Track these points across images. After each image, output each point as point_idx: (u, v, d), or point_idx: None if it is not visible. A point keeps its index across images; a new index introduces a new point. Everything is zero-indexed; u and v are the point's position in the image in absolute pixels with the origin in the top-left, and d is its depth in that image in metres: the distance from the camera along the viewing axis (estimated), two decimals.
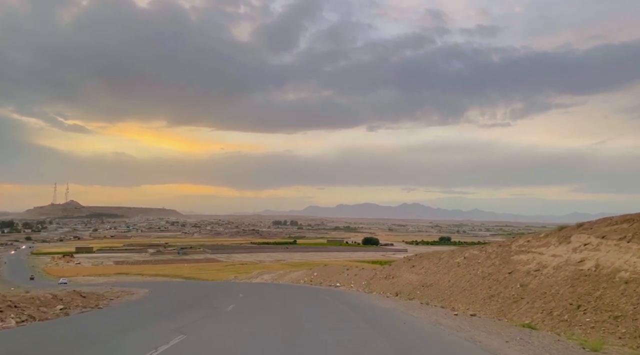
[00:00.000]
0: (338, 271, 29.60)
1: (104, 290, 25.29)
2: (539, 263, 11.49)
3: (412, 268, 17.19)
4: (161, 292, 24.22)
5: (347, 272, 27.23)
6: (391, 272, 20.28)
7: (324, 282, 27.57)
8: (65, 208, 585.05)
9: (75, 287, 48.31)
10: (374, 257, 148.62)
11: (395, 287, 17.68)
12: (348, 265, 34.01)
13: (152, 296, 21.58)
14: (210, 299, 18.71)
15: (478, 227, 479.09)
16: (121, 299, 19.07)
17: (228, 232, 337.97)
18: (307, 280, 30.97)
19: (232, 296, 19.92)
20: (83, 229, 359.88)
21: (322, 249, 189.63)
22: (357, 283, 22.75)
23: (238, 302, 17.13)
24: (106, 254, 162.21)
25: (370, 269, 25.52)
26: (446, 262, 16.09)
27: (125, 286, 32.68)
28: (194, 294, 22.24)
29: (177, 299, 19.96)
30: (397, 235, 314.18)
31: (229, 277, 57.64)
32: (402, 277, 17.69)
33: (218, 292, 22.76)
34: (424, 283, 15.61)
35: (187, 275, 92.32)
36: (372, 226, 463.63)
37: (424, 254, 18.79)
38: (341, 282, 25.16)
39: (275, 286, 27.89)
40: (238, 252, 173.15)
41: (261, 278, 40.34)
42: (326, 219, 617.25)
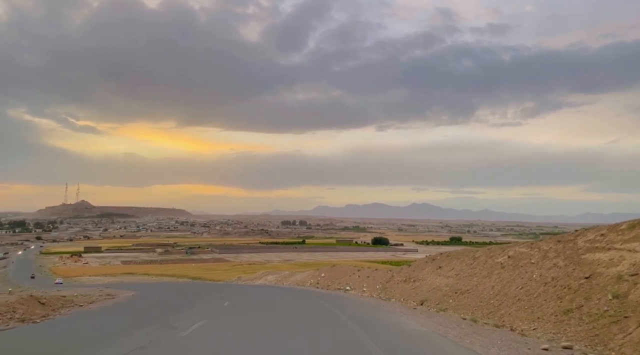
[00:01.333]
0: (348, 272, 26.60)
1: (86, 293, 23.30)
2: (633, 264, 8.25)
3: (439, 269, 14.27)
4: (140, 298, 21.39)
5: (359, 274, 24.54)
6: (412, 274, 17.29)
7: (332, 284, 25.00)
8: (76, 208, 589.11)
9: (70, 288, 46.73)
10: (384, 257, 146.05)
11: (418, 293, 14.72)
12: (359, 266, 30.97)
13: (125, 303, 18.92)
14: (182, 311, 14.78)
15: (489, 227, 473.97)
16: (85, 308, 16.13)
17: (237, 232, 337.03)
18: (313, 282, 28.31)
19: (213, 306, 16.25)
20: (93, 228, 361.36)
21: (331, 249, 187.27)
22: (370, 286, 20.19)
23: (212, 317, 13.02)
24: (114, 254, 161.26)
25: (385, 270, 22.56)
26: (483, 263, 12.89)
27: (116, 288, 31.04)
28: (171, 302, 18.93)
29: (145, 309, 16.28)
30: (407, 235, 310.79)
31: (234, 277, 55.06)
32: (427, 280, 14.74)
33: (202, 299, 19.39)
34: (456, 289, 12.64)
35: (194, 275, 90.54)
36: (382, 226, 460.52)
37: (452, 253, 15.81)
38: (352, 285, 22.55)
39: (276, 290, 25.26)
40: (246, 252, 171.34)
41: (265, 279, 37.52)
42: (335, 219, 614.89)
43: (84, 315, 14.29)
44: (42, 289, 53.99)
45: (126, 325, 11.67)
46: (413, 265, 18.48)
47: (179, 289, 29.29)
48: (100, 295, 20.58)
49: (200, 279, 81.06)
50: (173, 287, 32.51)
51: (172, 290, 27.64)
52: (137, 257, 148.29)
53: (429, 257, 18.22)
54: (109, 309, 16.28)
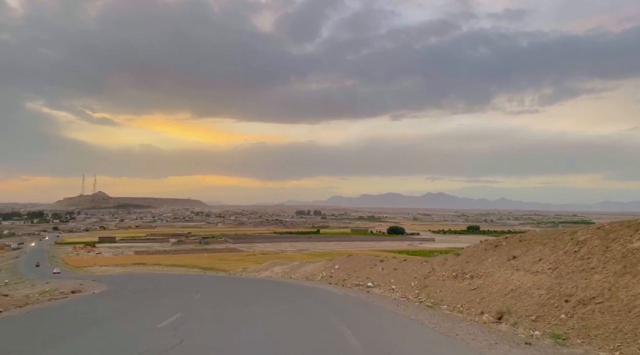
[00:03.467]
0: (368, 263, 22.10)
1: (57, 288, 20.57)
2: None
3: (513, 261, 9.98)
4: (93, 298, 18.29)
5: (382, 265, 20.18)
6: (465, 266, 12.75)
7: (349, 278, 20.73)
8: (93, 199, 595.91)
9: (64, 278, 44.55)
10: (401, 246, 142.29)
11: (485, 298, 10.15)
12: (381, 256, 26.70)
13: (65, 305, 15.80)
14: (110, 320, 11.14)
15: (506, 216, 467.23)
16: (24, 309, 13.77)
17: (252, 222, 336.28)
18: (325, 275, 24.00)
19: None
20: (110, 219, 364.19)
21: (346, 239, 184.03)
22: (402, 283, 15.74)
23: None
24: (128, 244, 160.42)
25: (418, 261, 18.19)
26: (603, 250, 8.26)
27: (100, 281, 28.97)
28: (113, 308, 14.83)
29: (77, 316, 12.53)
30: (423, 225, 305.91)
31: (240, 268, 51.45)
32: (494, 277, 10.66)
33: (157, 307, 14.11)
34: (564, 293, 7.89)
35: (206, 265, 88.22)
36: (397, 216, 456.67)
37: (528, 236, 11.27)
38: (375, 281, 18.13)
39: (274, 288, 20.92)
40: (260, 241, 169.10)
41: (271, 271, 33.33)
42: (350, 209, 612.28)
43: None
44: (42, 278, 52.48)
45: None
46: (463, 254, 13.99)
47: (160, 283, 26.08)
48: (62, 293, 17.34)
49: (211, 269, 78.63)
50: (156, 280, 29.19)
51: (149, 285, 24.54)
52: (150, 247, 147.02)
53: (486, 242, 13.79)
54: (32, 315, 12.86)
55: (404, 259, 20.56)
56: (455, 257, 14.90)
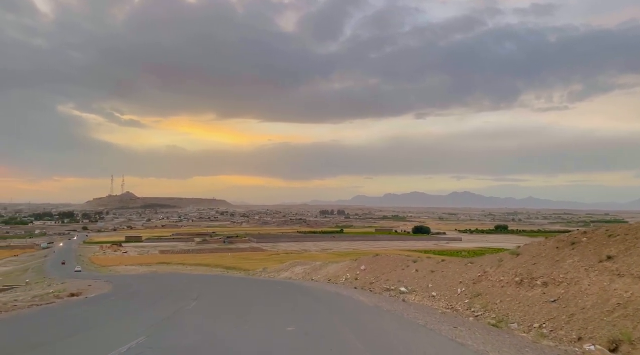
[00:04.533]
0: (399, 264, 19.60)
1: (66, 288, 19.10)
2: None
3: (607, 263, 7.41)
4: (87, 303, 17.02)
5: (416, 267, 17.68)
6: (533, 270, 10.04)
7: (377, 282, 18.06)
8: (122, 199, 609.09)
9: (80, 278, 44.07)
10: (427, 246, 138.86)
11: (576, 316, 7.45)
12: (413, 256, 23.93)
13: (49, 311, 14.57)
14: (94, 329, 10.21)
15: (534, 215, 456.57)
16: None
17: (276, 221, 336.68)
18: (350, 277, 21.47)
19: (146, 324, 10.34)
20: (138, 219, 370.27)
21: (371, 239, 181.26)
22: (443, 289, 13.17)
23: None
24: (154, 244, 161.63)
25: (461, 263, 15.39)
26: None
27: (113, 282, 27.42)
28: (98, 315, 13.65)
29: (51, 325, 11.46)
30: (449, 224, 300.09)
31: (260, 268, 49.48)
32: (581, 284, 8.04)
33: (132, 322, 11.38)
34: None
35: (229, 265, 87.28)
36: (422, 215, 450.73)
37: (621, 230, 8.50)
38: (409, 285, 15.70)
39: (293, 291, 18.48)
40: (284, 241, 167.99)
41: (292, 272, 30.96)
42: (374, 209, 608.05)
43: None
44: (64, 277, 52.39)
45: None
46: (524, 253, 11.20)
47: (169, 284, 24.71)
48: (56, 297, 15.86)
49: (234, 268, 77.45)
50: (167, 282, 27.60)
51: (155, 287, 23.24)
52: (175, 247, 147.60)
53: (555, 239, 10.96)
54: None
55: (442, 260, 17.75)
56: (514, 257, 12.20)
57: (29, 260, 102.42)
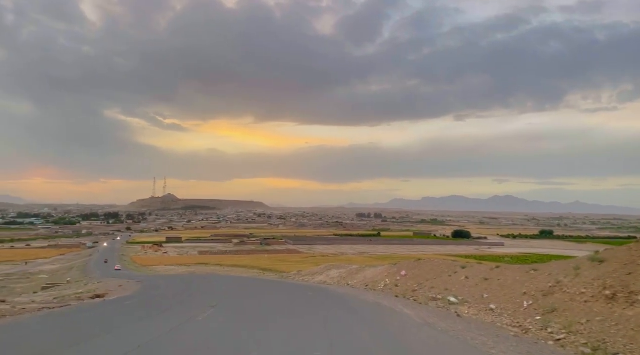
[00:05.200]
0: (445, 270, 17.86)
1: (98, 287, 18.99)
2: None
3: None
4: (99, 307, 16.52)
5: (465, 273, 15.83)
6: (628, 281, 8.24)
7: (420, 289, 16.33)
8: (163, 201, 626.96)
9: (117, 277, 44.44)
10: (468, 251, 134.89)
11: None
12: (461, 261, 21.53)
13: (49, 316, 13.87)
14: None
15: (581, 220, 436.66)
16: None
17: (312, 224, 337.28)
18: (389, 283, 19.84)
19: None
20: (178, 220, 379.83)
21: (408, 242, 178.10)
22: (503, 301, 11.31)
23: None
24: (193, 244, 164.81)
25: (521, 270, 13.17)
26: None
27: (144, 282, 27.21)
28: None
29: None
30: (490, 229, 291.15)
31: (295, 270, 48.68)
32: None
33: (129, 335, 10.14)
34: None
35: (265, 266, 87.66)
36: (461, 219, 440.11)
37: None
38: (458, 294, 13.88)
39: (325, 299, 17.05)
40: (320, 243, 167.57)
41: (326, 275, 29.42)
42: (411, 212, 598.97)
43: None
44: (104, 276, 53.84)
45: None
46: (611, 260, 9.80)
47: (197, 287, 24.28)
48: (78, 298, 15.68)
49: (270, 270, 77.70)
50: (196, 284, 26.96)
51: (181, 290, 22.64)
52: (213, 248, 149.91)
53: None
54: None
55: (496, 266, 15.49)
56: (596, 264, 10.20)
57: (74, 259, 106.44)
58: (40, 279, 62.78)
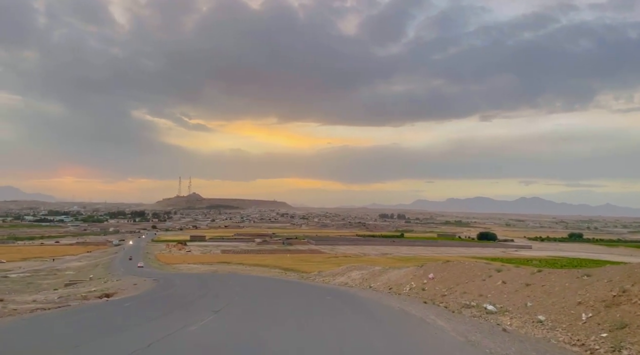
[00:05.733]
0: (478, 273, 16.22)
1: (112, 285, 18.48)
2: None
3: None
4: (92, 310, 15.69)
5: (501, 277, 14.16)
6: None
7: (451, 294, 14.89)
8: (188, 200, 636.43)
9: (143, 275, 44.69)
10: (494, 253, 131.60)
11: None
12: (496, 264, 19.26)
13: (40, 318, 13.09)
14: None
15: (612, 223, 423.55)
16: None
17: (335, 224, 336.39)
18: (415, 286, 18.49)
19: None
20: (203, 219, 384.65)
21: (432, 244, 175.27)
22: (552, 311, 9.64)
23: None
24: (216, 243, 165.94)
25: (569, 275, 11.54)
26: None
27: (159, 280, 26.64)
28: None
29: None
30: (516, 231, 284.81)
31: (315, 271, 47.56)
32: None
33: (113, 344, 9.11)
34: None
35: (287, 266, 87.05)
36: (486, 221, 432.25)
37: None
38: (495, 301, 12.27)
39: (344, 304, 15.23)
40: (343, 244, 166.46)
41: (348, 276, 27.67)
42: (435, 213, 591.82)
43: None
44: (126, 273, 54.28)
45: None
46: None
47: (210, 287, 23.46)
48: (95, 294, 15.06)
49: (292, 270, 77.07)
50: (211, 284, 26.07)
51: (192, 290, 21.84)
52: (236, 247, 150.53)
53: None
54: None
55: (537, 270, 13.65)
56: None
57: (100, 256, 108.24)
58: (67, 276, 63.70)
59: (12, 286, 46.93)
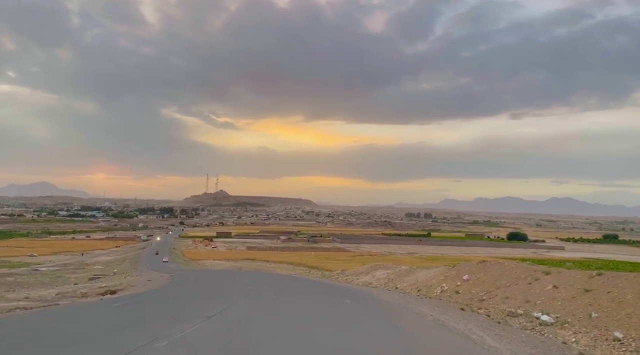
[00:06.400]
0: (521, 276, 14.22)
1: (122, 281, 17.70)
2: None
3: None
4: (80, 310, 14.48)
5: (550, 281, 12.12)
6: None
7: (490, 298, 13.01)
8: (215, 197, 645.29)
9: (163, 270, 44.45)
10: (524, 254, 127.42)
11: None
12: (543, 267, 15.93)
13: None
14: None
15: None
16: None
17: (360, 222, 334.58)
18: (448, 288, 16.77)
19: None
20: (229, 216, 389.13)
21: (460, 243, 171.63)
22: (634, 326, 7.71)
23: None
24: (241, 240, 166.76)
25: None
26: None
27: (175, 275, 25.81)
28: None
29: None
30: (547, 232, 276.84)
31: (338, 270, 46.05)
32: None
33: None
34: None
35: (311, 264, 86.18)
36: (516, 221, 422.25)
37: None
38: (548, 308, 10.37)
39: (365, 309, 13.40)
40: (368, 242, 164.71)
41: (372, 275, 25.47)
42: (463, 213, 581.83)
43: None
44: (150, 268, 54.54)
45: None
46: None
47: (224, 284, 22.63)
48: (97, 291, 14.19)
49: (316, 268, 76.09)
50: (225, 283, 24.87)
51: (201, 290, 20.85)
52: (261, 244, 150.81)
53: None
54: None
55: (597, 273, 11.63)
56: None
57: (128, 251, 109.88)
58: (95, 270, 64.51)
59: (41, 279, 47.58)
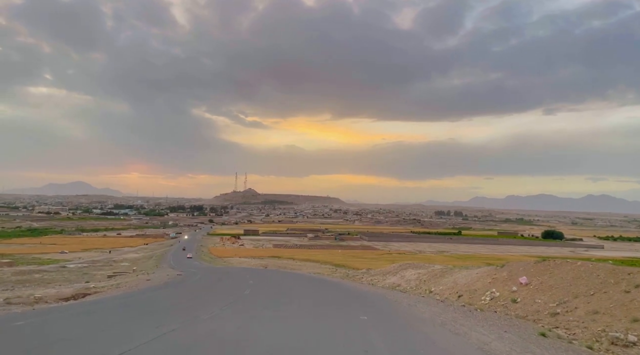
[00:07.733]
0: (604, 280, 10.86)
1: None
2: None
3: None
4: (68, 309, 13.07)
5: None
6: None
7: (568, 311, 10.05)
8: (244, 195, 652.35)
9: (187, 267, 43.64)
10: (561, 253, 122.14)
11: None
12: (626, 267, 11.62)
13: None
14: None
15: None
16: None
17: (389, 220, 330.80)
18: (500, 295, 13.52)
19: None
20: (257, 214, 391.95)
21: (492, 242, 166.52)
22: None
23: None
24: (268, 237, 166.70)
25: None
26: None
27: (197, 273, 24.54)
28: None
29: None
30: (584, 230, 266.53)
31: (363, 268, 44.02)
32: None
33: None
34: None
35: (338, 262, 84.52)
36: (550, 219, 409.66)
37: None
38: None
39: (388, 329, 9.95)
40: (396, 240, 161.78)
41: (401, 276, 22.57)
42: (494, 211, 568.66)
43: None
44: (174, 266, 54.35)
45: None
46: None
47: (231, 284, 20.98)
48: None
49: (343, 266, 74.38)
50: (243, 282, 22.55)
51: (217, 287, 19.59)
52: (288, 241, 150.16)
53: None
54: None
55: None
56: None
57: (156, 249, 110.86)
58: (122, 266, 64.77)
59: (67, 276, 47.77)
